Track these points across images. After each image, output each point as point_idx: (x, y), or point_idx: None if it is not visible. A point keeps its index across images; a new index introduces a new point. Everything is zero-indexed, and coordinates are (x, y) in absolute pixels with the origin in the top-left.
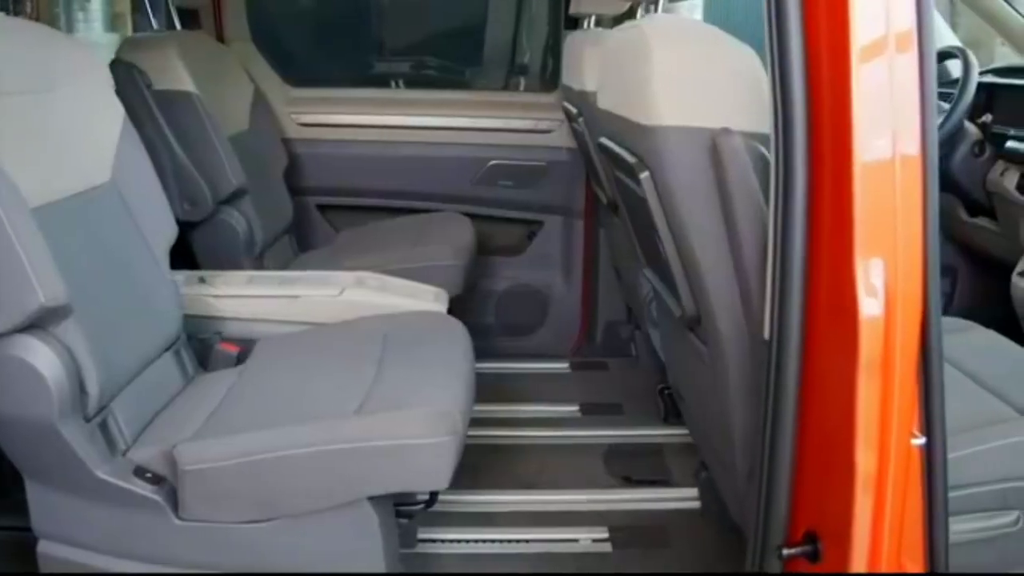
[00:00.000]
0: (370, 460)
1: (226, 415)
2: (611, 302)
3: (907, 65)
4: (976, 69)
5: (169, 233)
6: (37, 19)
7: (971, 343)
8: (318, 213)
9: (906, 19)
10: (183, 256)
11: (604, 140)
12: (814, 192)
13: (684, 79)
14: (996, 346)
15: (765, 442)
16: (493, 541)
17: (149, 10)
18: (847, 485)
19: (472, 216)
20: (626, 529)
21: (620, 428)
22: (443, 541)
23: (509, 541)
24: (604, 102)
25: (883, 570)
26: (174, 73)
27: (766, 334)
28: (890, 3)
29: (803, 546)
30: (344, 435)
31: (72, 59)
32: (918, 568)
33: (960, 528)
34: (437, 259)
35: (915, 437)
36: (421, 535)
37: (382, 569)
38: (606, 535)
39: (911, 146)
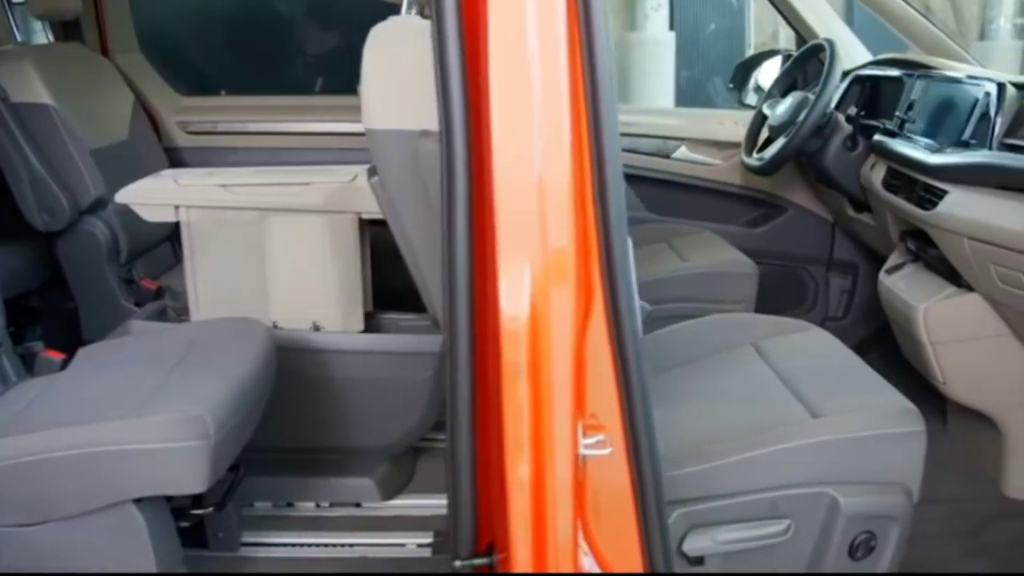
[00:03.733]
0: (123, 463)
1: (21, 420)
2: None
3: (555, 81)
4: (839, 61)
5: None
6: None
7: (798, 345)
8: None
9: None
10: (49, 264)
11: None
12: (477, 198)
13: (392, 81)
14: (824, 348)
15: (447, 450)
16: (318, 545)
17: (12, 22)
18: (506, 495)
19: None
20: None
21: None
22: (268, 545)
23: (335, 546)
24: None
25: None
26: (31, 86)
27: (444, 337)
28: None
29: (482, 557)
30: (98, 439)
31: None
32: None
33: (730, 537)
34: None
35: (602, 446)
36: (247, 539)
37: (153, 570)
38: (430, 540)
39: (560, 155)
